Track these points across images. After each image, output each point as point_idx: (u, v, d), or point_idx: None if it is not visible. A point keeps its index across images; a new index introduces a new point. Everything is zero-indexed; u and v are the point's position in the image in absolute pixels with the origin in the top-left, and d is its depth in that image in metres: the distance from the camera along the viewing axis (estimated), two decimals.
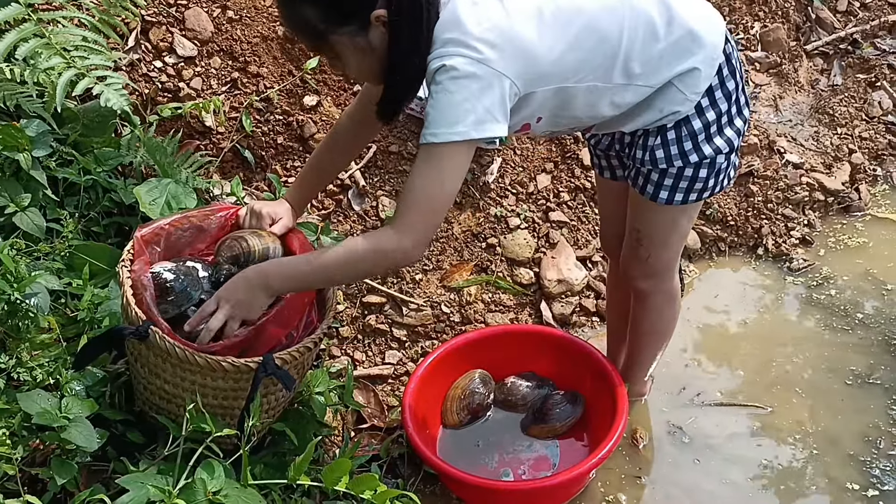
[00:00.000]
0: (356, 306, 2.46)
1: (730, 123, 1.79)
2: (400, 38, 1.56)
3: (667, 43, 1.67)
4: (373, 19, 1.54)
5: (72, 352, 1.79)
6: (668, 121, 1.75)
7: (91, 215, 2.14)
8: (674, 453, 2.30)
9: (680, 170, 1.80)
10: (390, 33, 1.56)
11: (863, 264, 2.87)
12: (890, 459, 2.24)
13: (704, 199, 1.87)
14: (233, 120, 2.53)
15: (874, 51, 3.51)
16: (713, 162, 1.80)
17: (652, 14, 1.66)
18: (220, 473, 1.54)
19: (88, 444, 1.60)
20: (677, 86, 1.71)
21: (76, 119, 2.19)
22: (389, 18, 1.54)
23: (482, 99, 1.52)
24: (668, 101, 1.72)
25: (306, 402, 2.00)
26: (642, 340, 2.24)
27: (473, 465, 2.17)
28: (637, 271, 2.04)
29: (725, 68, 1.75)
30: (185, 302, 1.73)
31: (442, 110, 1.52)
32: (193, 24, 2.56)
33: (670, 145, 1.77)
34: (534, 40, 1.58)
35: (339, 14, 1.54)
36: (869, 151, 3.25)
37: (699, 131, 1.76)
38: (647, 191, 1.85)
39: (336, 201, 2.58)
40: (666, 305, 2.15)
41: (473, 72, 1.51)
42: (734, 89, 1.78)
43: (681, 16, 1.68)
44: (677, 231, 1.97)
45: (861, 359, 2.54)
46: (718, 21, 1.76)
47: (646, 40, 1.66)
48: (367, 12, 1.54)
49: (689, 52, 1.69)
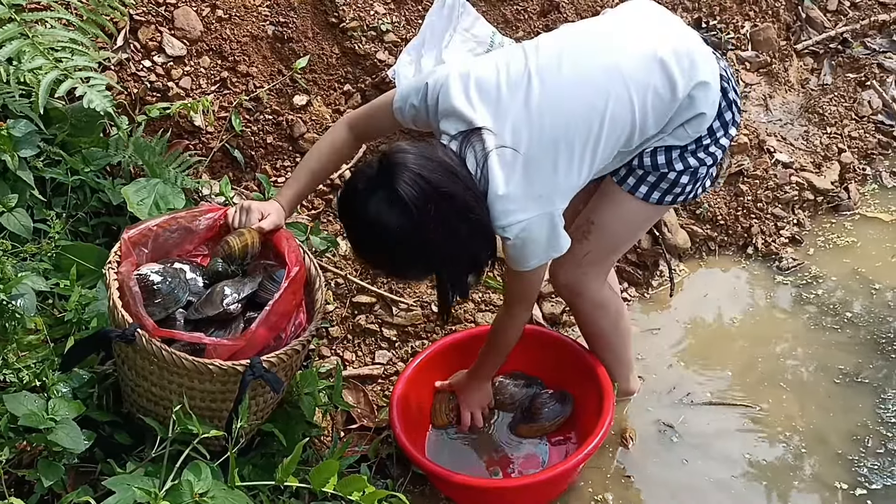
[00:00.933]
0: (346, 306, 2.46)
1: (716, 143, 1.93)
2: (446, 273, 1.83)
3: (675, 106, 1.83)
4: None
5: (59, 353, 1.79)
6: (664, 143, 1.90)
7: (79, 215, 2.13)
8: (663, 452, 2.30)
9: (664, 174, 1.92)
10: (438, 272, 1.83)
11: (852, 263, 2.88)
12: (878, 458, 2.25)
13: (678, 203, 2.02)
14: (222, 119, 2.52)
15: (864, 50, 3.52)
16: (695, 171, 1.93)
17: (657, 86, 1.80)
18: (206, 475, 1.54)
19: (75, 445, 1.60)
20: (685, 128, 1.88)
21: (64, 119, 2.18)
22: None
23: (552, 234, 1.80)
24: (673, 137, 1.89)
25: (295, 403, 2.00)
26: (594, 346, 2.26)
27: (462, 465, 2.17)
28: (563, 273, 2.08)
29: (723, 101, 1.89)
30: (172, 304, 1.73)
31: (525, 256, 1.82)
32: (182, 24, 2.55)
33: (658, 154, 1.91)
34: (567, 179, 1.78)
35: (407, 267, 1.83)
36: (858, 151, 3.25)
37: (689, 147, 1.90)
38: (628, 182, 1.95)
39: (326, 201, 2.58)
40: (596, 314, 2.17)
41: (533, 225, 1.76)
42: (730, 119, 1.92)
43: (680, 79, 1.81)
44: (632, 233, 2.10)
45: (849, 358, 2.54)
46: (713, 63, 1.89)
47: (657, 111, 1.83)
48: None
49: (693, 104, 1.85)
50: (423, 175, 1.65)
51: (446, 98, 1.77)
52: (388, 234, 1.67)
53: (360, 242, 1.78)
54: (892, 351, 2.56)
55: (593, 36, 1.88)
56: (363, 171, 1.72)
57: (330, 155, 1.96)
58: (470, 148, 1.73)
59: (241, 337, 1.71)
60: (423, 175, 1.65)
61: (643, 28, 1.88)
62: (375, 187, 1.67)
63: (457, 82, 1.78)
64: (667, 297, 2.75)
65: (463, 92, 1.77)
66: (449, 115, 1.78)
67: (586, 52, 1.82)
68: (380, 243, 1.72)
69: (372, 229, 1.70)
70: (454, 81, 1.78)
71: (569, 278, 2.09)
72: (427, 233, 1.67)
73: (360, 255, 1.83)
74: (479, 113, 1.75)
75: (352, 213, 1.74)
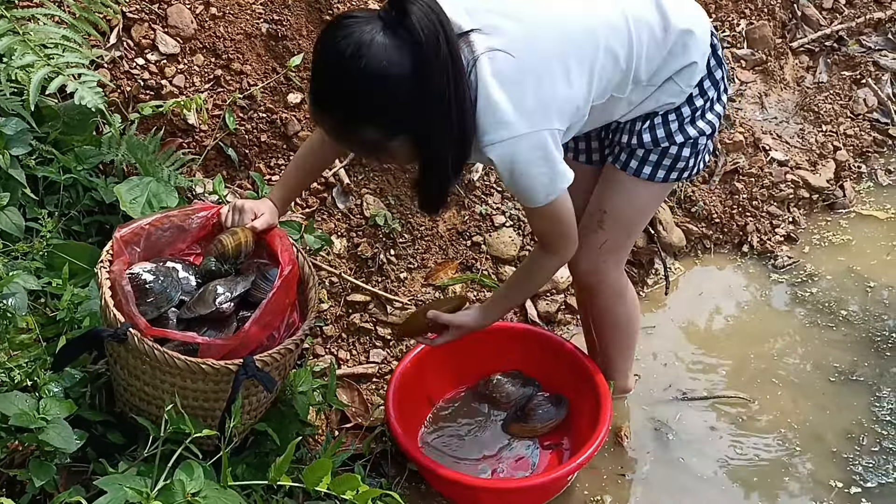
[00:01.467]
0: (340, 305, 2.45)
1: (711, 108, 1.90)
2: (433, 146, 1.63)
3: (667, 48, 1.78)
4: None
5: (51, 352, 1.78)
6: (660, 109, 1.86)
7: (71, 214, 2.12)
8: (658, 450, 2.30)
9: (665, 149, 1.90)
10: (424, 142, 1.63)
11: (847, 261, 2.88)
12: (873, 456, 2.25)
13: (684, 178, 1.96)
14: (216, 118, 2.51)
15: (859, 48, 3.52)
16: (696, 142, 1.90)
17: (651, 23, 1.76)
18: (199, 474, 1.53)
19: (66, 445, 1.59)
20: (676, 80, 1.82)
21: (56, 117, 2.17)
22: (421, 132, 1.60)
23: (548, 157, 1.67)
24: (666, 94, 1.84)
25: (289, 402, 1.99)
26: (604, 337, 2.26)
27: (453, 460, 2.18)
28: (584, 261, 2.05)
29: (713, 59, 1.87)
30: (164, 303, 1.72)
31: (534, 186, 1.70)
32: (176, 21, 2.54)
33: (657, 128, 1.87)
34: (565, 91, 1.67)
35: (392, 130, 1.60)
36: (854, 149, 3.25)
37: (686, 116, 1.87)
38: (631, 166, 1.92)
39: (320, 199, 2.57)
40: (615, 301, 2.16)
41: (522, 145, 1.64)
42: (720, 78, 1.89)
43: (675, 18, 1.79)
44: (643, 215, 2.06)
45: (845, 356, 2.55)
46: (704, 16, 1.88)
47: (650, 51, 1.77)
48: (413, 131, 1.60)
49: (685, 51, 1.80)
50: (440, 16, 1.50)
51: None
52: (390, 75, 1.49)
53: (350, 94, 1.53)
54: (888, 349, 2.56)
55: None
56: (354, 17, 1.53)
57: (321, 150, 1.93)
58: (460, 51, 1.58)
59: (234, 337, 1.70)
60: (439, 16, 1.50)
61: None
62: (375, 24, 1.49)
63: (447, 3, 1.62)
64: (662, 296, 2.75)
65: (453, 8, 1.62)
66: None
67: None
68: (376, 89, 1.51)
69: (371, 69, 1.48)
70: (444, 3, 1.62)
71: (590, 267, 2.06)
72: (432, 85, 1.51)
73: (345, 116, 1.59)
74: (472, 19, 1.64)
75: (345, 52, 1.48)
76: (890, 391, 2.43)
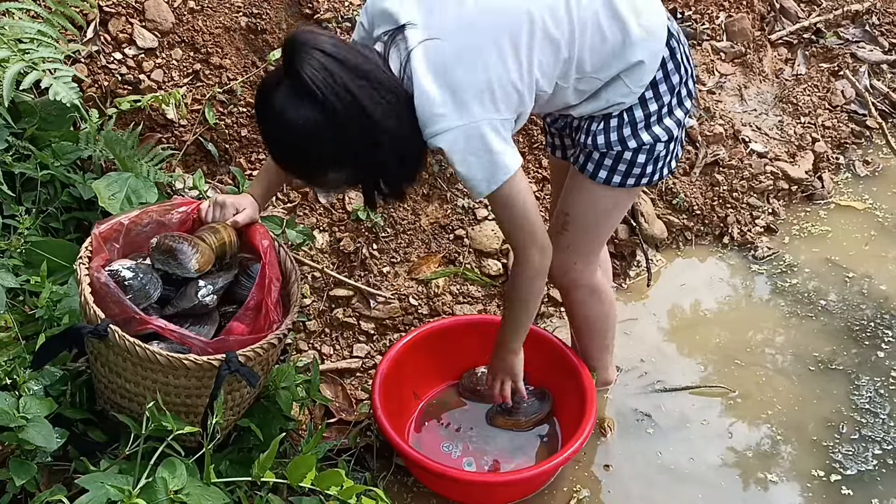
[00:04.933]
0: (323, 300, 2.45)
1: (669, 114, 1.87)
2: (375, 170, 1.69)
3: (613, 41, 1.74)
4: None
5: (30, 350, 1.76)
6: (612, 110, 1.83)
7: (49, 211, 2.10)
8: (641, 441, 2.31)
9: (619, 153, 1.87)
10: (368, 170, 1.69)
11: (826, 252, 2.91)
12: (852, 444, 2.28)
13: (642, 185, 1.93)
14: (195, 112, 2.49)
15: (837, 40, 3.55)
16: (652, 149, 1.87)
17: (598, 15, 1.73)
18: (181, 472, 1.52)
19: (47, 443, 1.58)
20: (624, 79, 1.78)
21: (33, 113, 2.14)
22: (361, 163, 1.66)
23: (486, 146, 1.65)
24: (613, 92, 1.80)
25: (272, 398, 1.98)
26: (581, 334, 2.27)
27: (438, 452, 2.19)
28: (555, 262, 2.02)
29: (670, 62, 1.83)
30: (143, 300, 1.71)
31: (475, 176, 1.69)
32: (153, 15, 2.52)
33: (611, 132, 1.85)
34: (501, 75, 1.65)
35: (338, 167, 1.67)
36: (832, 140, 3.28)
37: (640, 120, 1.84)
38: (588, 168, 1.91)
39: (302, 194, 2.55)
40: (591, 300, 2.17)
41: (465, 134, 1.63)
42: (678, 83, 1.85)
43: (624, 12, 1.74)
44: (606, 220, 2.03)
45: (824, 345, 2.57)
46: (661, 14, 1.82)
47: (594, 42, 1.73)
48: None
49: (634, 47, 1.75)
50: (335, 56, 1.52)
51: (379, 2, 1.69)
52: (298, 129, 1.55)
53: (272, 144, 1.65)
54: (866, 338, 2.59)
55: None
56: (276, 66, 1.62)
57: None
58: (394, 47, 1.62)
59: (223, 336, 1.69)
60: (334, 56, 1.52)
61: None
62: (281, 76, 1.54)
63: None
64: (644, 287, 2.77)
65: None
66: (380, 18, 1.69)
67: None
68: (291, 142, 1.59)
69: (280, 125, 1.57)
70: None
71: (561, 267, 2.07)
72: (344, 125, 1.55)
73: (277, 160, 1.71)
74: (405, 9, 1.65)
75: (259, 108, 1.61)
76: (868, 379, 2.45)
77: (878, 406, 2.38)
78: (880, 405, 2.38)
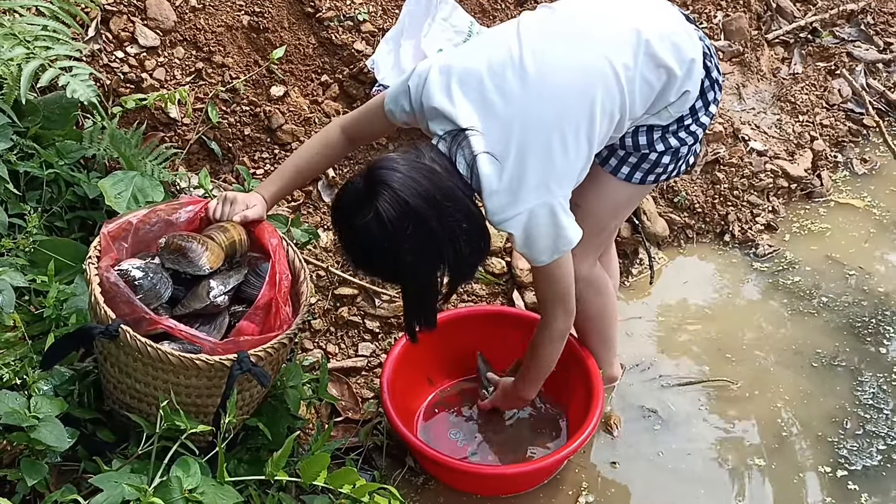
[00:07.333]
0: (328, 298, 2.44)
1: (696, 121, 1.93)
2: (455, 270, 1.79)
3: (660, 86, 1.83)
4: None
5: (38, 350, 1.75)
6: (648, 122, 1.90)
7: (54, 210, 2.09)
8: (647, 438, 2.31)
9: (645, 154, 1.93)
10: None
11: (826, 249, 2.92)
12: (857, 440, 2.29)
13: (661, 181, 2.00)
14: (198, 111, 2.48)
15: (833, 39, 3.56)
16: (677, 151, 1.94)
17: (643, 70, 1.79)
18: (195, 471, 1.52)
19: (59, 443, 1.57)
20: (669, 109, 1.89)
21: (36, 111, 2.12)
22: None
23: (554, 223, 1.77)
24: (657, 118, 1.90)
25: (280, 397, 1.98)
26: (582, 329, 2.27)
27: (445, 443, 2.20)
28: None
29: (706, 80, 1.90)
30: (153, 300, 1.69)
31: (534, 250, 1.81)
32: (155, 14, 2.50)
33: (640, 135, 1.91)
34: (563, 163, 1.75)
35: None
36: (830, 138, 3.30)
37: (672, 128, 1.90)
38: (610, 164, 1.96)
39: (305, 193, 2.55)
40: (588, 293, 2.17)
41: (534, 216, 1.74)
42: (712, 99, 1.93)
43: (666, 58, 1.80)
44: (617, 214, 2.09)
45: (826, 342, 2.58)
46: (694, 36, 1.88)
47: (643, 93, 1.82)
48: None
49: (679, 84, 1.84)
50: (406, 198, 1.64)
51: (428, 99, 1.76)
52: (369, 245, 1.70)
53: (346, 250, 1.80)
54: (868, 334, 2.60)
55: (577, 20, 1.85)
56: (353, 183, 1.73)
57: (321, 154, 1.95)
58: (459, 150, 1.72)
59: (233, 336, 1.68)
60: (405, 198, 1.64)
61: (625, 10, 1.86)
62: (361, 201, 1.67)
63: (437, 80, 1.75)
64: (647, 285, 2.77)
65: (444, 90, 1.74)
66: (434, 116, 1.77)
67: (571, 38, 1.80)
68: (363, 253, 1.75)
69: (355, 240, 1.73)
70: (434, 79, 1.75)
71: None
72: (402, 252, 1.67)
73: (349, 261, 1.88)
74: (461, 110, 1.73)
75: (339, 223, 1.76)
76: (871, 375, 2.47)
77: (882, 402, 2.39)
78: (884, 401, 2.40)
